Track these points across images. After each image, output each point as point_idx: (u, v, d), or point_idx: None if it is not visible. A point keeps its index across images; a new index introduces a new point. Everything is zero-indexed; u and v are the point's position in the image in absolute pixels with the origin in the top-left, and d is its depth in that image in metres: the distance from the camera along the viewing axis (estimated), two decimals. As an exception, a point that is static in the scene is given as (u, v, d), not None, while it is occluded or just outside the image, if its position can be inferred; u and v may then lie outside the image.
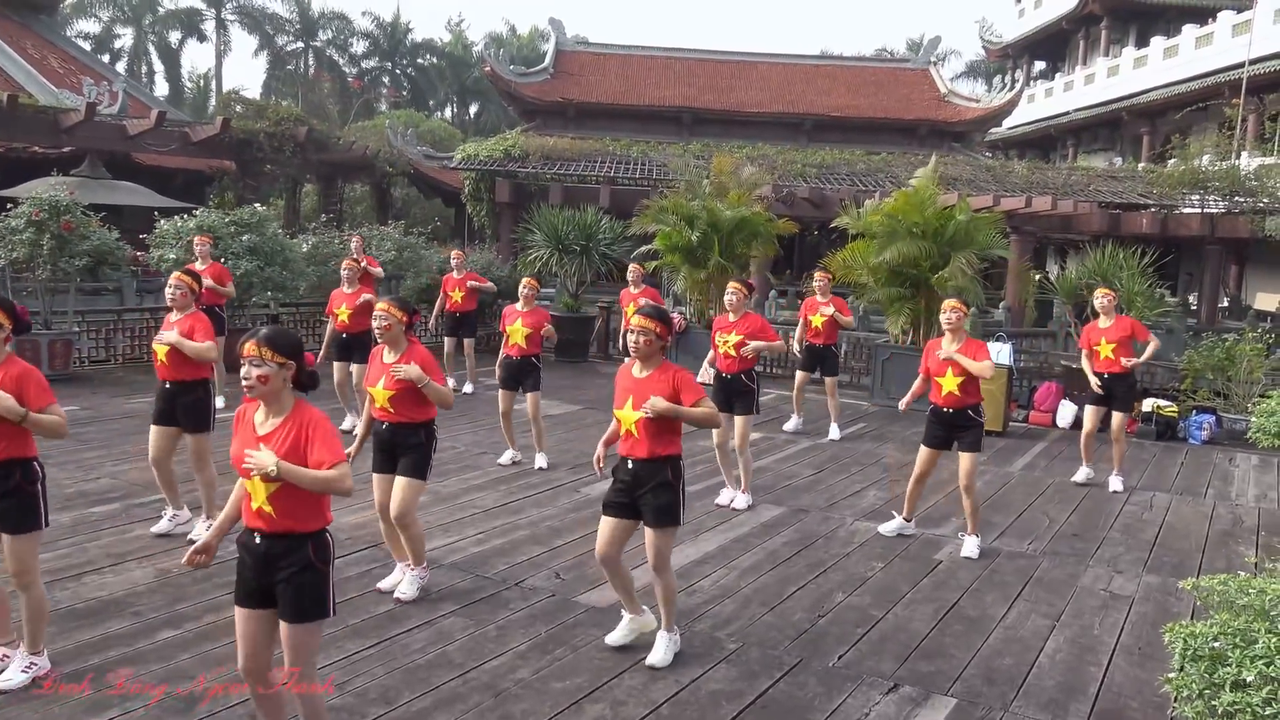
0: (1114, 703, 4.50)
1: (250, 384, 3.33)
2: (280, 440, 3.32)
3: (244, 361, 3.35)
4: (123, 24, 49.06)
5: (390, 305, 5.29)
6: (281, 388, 3.38)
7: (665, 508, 4.58)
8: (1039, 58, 45.05)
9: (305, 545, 3.35)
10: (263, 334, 3.39)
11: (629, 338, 4.63)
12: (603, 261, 15.34)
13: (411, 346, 5.28)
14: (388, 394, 5.21)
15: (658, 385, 4.54)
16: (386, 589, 5.40)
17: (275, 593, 3.34)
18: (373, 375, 5.31)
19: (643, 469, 4.59)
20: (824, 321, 10.16)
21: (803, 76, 30.77)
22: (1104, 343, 8.43)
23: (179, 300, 6.01)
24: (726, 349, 7.45)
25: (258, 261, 12.18)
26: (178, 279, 6.04)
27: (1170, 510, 7.96)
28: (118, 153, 21.34)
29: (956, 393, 6.48)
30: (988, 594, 5.85)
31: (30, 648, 4.19)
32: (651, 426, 4.54)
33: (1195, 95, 28.35)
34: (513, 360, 8.26)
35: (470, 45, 54.66)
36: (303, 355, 3.46)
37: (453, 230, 31.85)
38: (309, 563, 3.35)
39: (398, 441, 5.28)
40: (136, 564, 5.68)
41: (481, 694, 4.30)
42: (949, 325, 6.58)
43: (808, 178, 22.04)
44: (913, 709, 4.37)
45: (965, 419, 6.52)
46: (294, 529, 3.34)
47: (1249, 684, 2.73)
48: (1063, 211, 18.96)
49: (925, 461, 6.73)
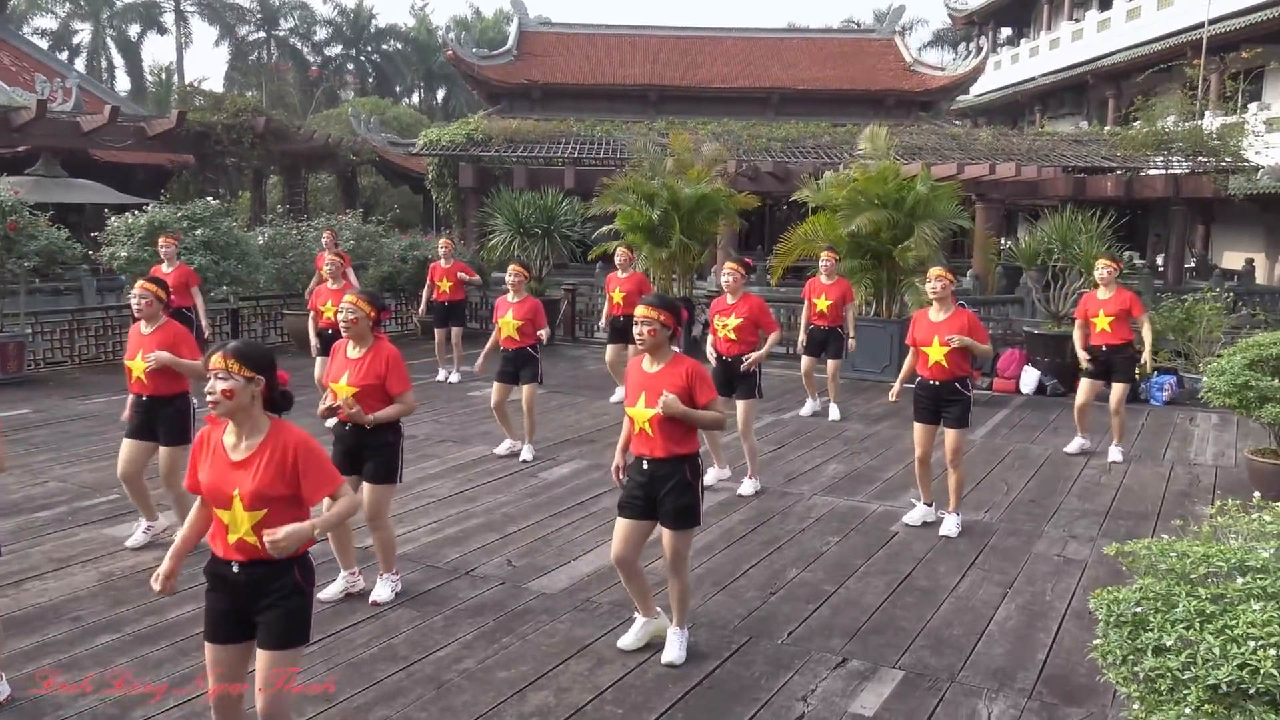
0: (1061, 668, 4.50)
1: (215, 399, 3.11)
2: (261, 466, 3.12)
3: (209, 375, 3.13)
4: (80, 19, 48.40)
5: (359, 299, 5.06)
6: (249, 405, 3.15)
7: (686, 509, 4.40)
8: (1004, 24, 45.00)
9: (291, 569, 3.16)
10: (231, 346, 3.17)
11: (634, 330, 4.41)
12: (565, 243, 15.22)
13: (378, 343, 5.13)
14: (352, 391, 4.98)
15: (671, 380, 4.33)
16: (327, 600, 5.21)
17: (256, 622, 3.17)
18: (336, 371, 5.10)
19: (659, 469, 4.39)
20: (829, 305, 9.94)
21: (769, 50, 30.61)
22: (1102, 315, 8.22)
23: (145, 311, 5.71)
24: (726, 332, 7.31)
25: (213, 256, 12.01)
26: (143, 288, 5.72)
27: (1128, 473, 7.98)
28: (75, 150, 21.01)
29: (944, 363, 6.24)
30: (941, 564, 5.84)
31: None
32: (667, 424, 4.33)
33: (1158, 56, 28.40)
34: (509, 353, 8.08)
35: (435, 29, 54.14)
36: (275, 371, 3.23)
37: (421, 217, 31.63)
38: (294, 586, 3.17)
39: (365, 444, 5.07)
40: (80, 568, 5.59)
41: (424, 686, 4.25)
42: (935, 295, 6.32)
43: (773, 152, 21.95)
44: (859, 683, 4.35)
45: (952, 391, 6.28)
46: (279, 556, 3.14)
47: (1169, 648, 2.71)
48: (1027, 178, 19.01)
49: (922, 439, 6.45)
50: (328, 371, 5.22)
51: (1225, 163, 20.81)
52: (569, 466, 7.96)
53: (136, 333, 5.77)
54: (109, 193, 20.39)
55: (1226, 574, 2.98)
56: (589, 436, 9.06)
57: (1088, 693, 4.24)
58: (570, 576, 5.58)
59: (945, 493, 6.53)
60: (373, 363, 5.02)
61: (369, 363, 5.02)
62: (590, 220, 15.37)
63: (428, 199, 28.04)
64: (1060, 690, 4.29)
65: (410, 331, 15.77)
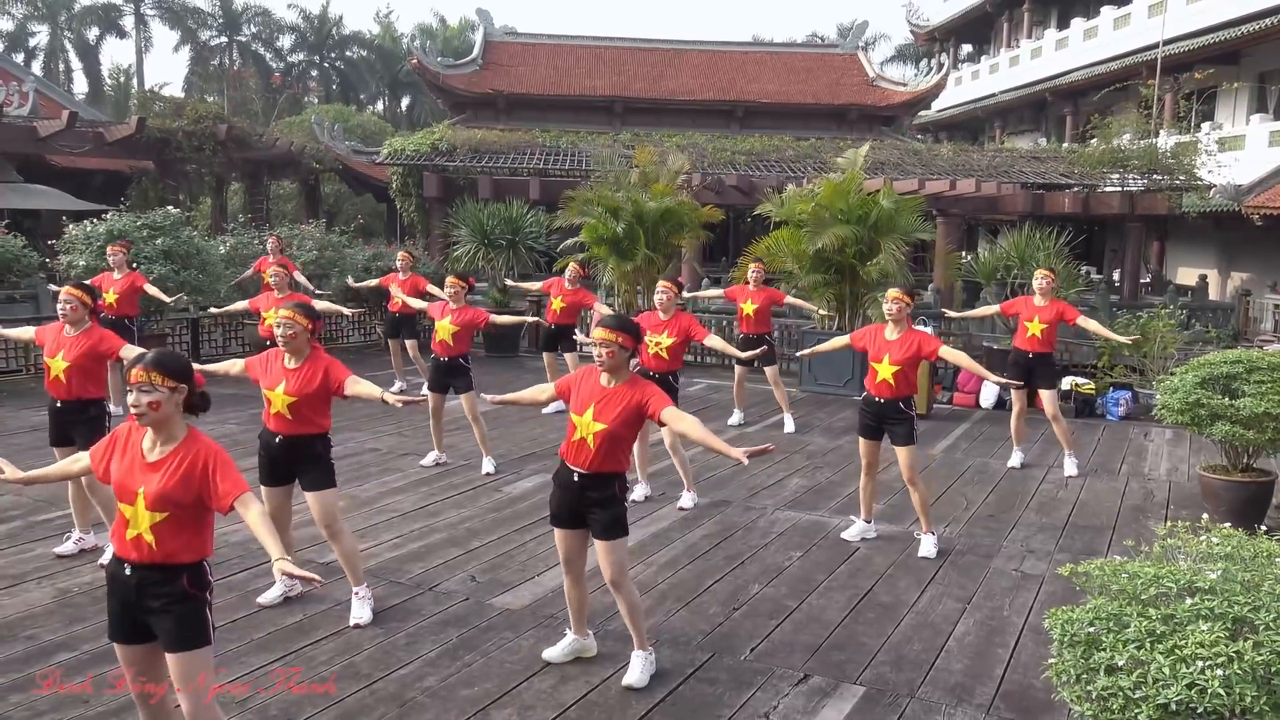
0: (1019, 684, 4.57)
1: (140, 411, 3.19)
2: (172, 469, 3.21)
3: (131, 389, 3.20)
4: (38, 21, 47.58)
5: (295, 314, 5.04)
6: (173, 413, 3.26)
7: (616, 520, 4.42)
8: (965, 41, 45.64)
9: (180, 576, 3.22)
10: (150, 358, 3.24)
11: (594, 353, 4.37)
12: (530, 255, 15.21)
13: (314, 353, 5.14)
14: (288, 400, 5.00)
15: (626, 398, 4.34)
16: (265, 603, 5.26)
17: (149, 624, 3.24)
18: (272, 378, 5.07)
19: (590, 483, 4.39)
20: (755, 309, 10.05)
21: (734, 64, 30.80)
22: (1036, 320, 8.34)
23: (70, 315, 5.71)
24: (659, 350, 7.38)
25: (173, 266, 11.88)
26: (69, 293, 5.73)
27: (1084, 488, 8.12)
28: (31, 155, 20.69)
29: (891, 382, 6.26)
30: (901, 579, 5.91)
31: None
32: (608, 442, 4.35)
33: (1114, 76, 28.93)
34: (440, 361, 8.10)
35: (400, 37, 53.84)
36: (193, 377, 3.34)
37: (385, 226, 31.45)
38: (184, 593, 3.22)
39: (295, 456, 5.08)
40: (35, 584, 5.51)
41: (387, 705, 4.24)
42: (891, 316, 6.36)
43: (738, 165, 22.07)
44: (821, 699, 4.39)
45: (895, 410, 6.30)
46: (172, 560, 3.22)
47: (1121, 668, 2.77)
48: (987, 193, 19.28)
49: (865, 453, 6.51)
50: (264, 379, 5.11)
51: (1179, 181, 21.22)
52: (532, 480, 7.96)
53: (59, 333, 5.77)
54: (66, 199, 20.10)
55: (1176, 595, 3.05)
56: (552, 451, 9.02)
57: (1044, 708, 4.31)
58: (534, 592, 5.59)
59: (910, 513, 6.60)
60: (310, 372, 5.02)
61: (306, 373, 5.02)
62: (556, 232, 15.38)
63: (392, 208, 27.89)
64: (1018, 705, 4.36)
65: (374, 341, 15.68)
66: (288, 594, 5.33)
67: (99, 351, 5.74)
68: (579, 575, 4.64)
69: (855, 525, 6.71)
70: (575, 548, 4.58)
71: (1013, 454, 8.81)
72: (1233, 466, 7.17)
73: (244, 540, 6.09)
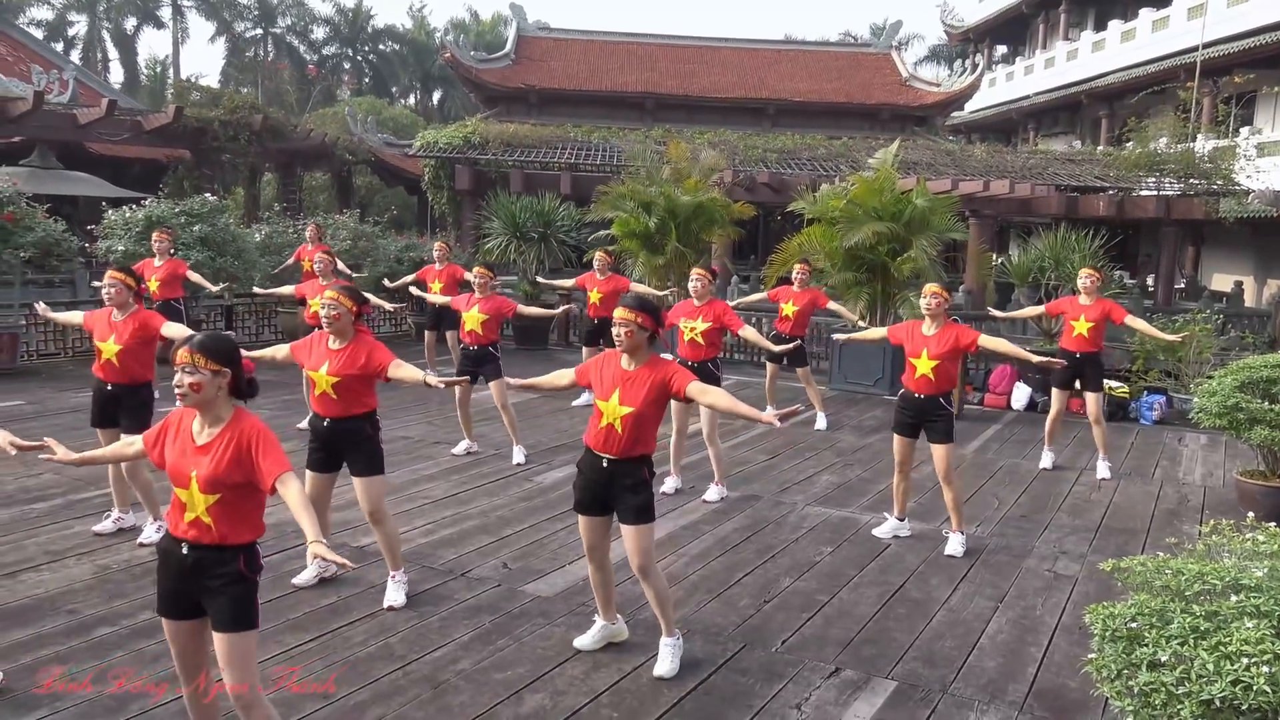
0: (1052, 682, 4.55)
1: (183, 392, 3.23)
2: (220, 451, 3.24)
3: (177, 369, 3.24)
4: (77, 11, 48.18)
5: (341, 295, 5.09)
6: (216, 396, 3.28)
7: (644, 505, 4.43)
8: (1000, 41, 45.29)
9: (236, 557, 3.26)
10: (196, 340, 3.28)
11: (612, 332, 4.39)
12: (561, 248, 15.25)
13: (359, 336, 5.18)
14: (331, 380, 5.04)
15: (650, 378, 4.33)
16: (301, 584, 5.32)
17: (202, 602, 3.27)
18: (316, 359, 5.12)
19: (619, 468, 4.41)
20: (796, 311, 9.93)
21: (766, 61, 30.73)
22: (1082, 319, 8.25)
23: (115, 298, 5.79)
24: (694, 336, 7.37)
25: (209, 252, 12.01)
26: (112, 276, 5.81)
27: (1118, 490, 8.05)
28: (70, 142, 20.93)
29: (931, 377, 6.22)
30: (933, 577, 5.89)
31: None
32: (636, 425, 4.34)
33: (1152, 78, 28.61)
34: (469, 350, 8.18)
35: (432, 31, 54.06)
36: (239, 362, 3.35)
37: (416, 218, 31.63)
38: (239, 574, 3.25)
39: (342, 438, 5.12)
40: (75, 561, 5.59)
41: (420, 686, 4.28)
42: (929, 310, 6.32)
43: (769, 163, 22.03)
44: (852, 693, 4.39)
45: (935, 406, 6.26)
46: (228, 541, 3.25)
47: (1164, 663, 2.76)
48: (1020, 195, 19.11)
49: (900, 451, 6.47)
50: (308, 360, 5.17)
51: (1216, 186, 20.96)
52: (563, 471, 7.99)
53: (107, 318, 5.85)
54: (104, 186, 20.33)
55: (1220, 592, 3.04)
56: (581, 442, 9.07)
57: (1079, 707, 4.29)
58: (565, 580, 5.61)
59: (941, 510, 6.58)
60: (353, 353, 5.06)
61: (349, 354, 5.06)
62: (587, 226, 15.42)
63: (423, 200, 28.06)
64: (1051, 704, 4.34)
65: (405, 332, 15.79)
66: (322, 575, 5.39)
67: (147, 333, 5.81)
68: (602, 561, 4.66)
69: (888, 522, 6.68)
70: (599, 535, 4.60)
71: (1044, 455, 8.75)
72: (1271, 472, 7.09)
73: (279, 523, 6.11)
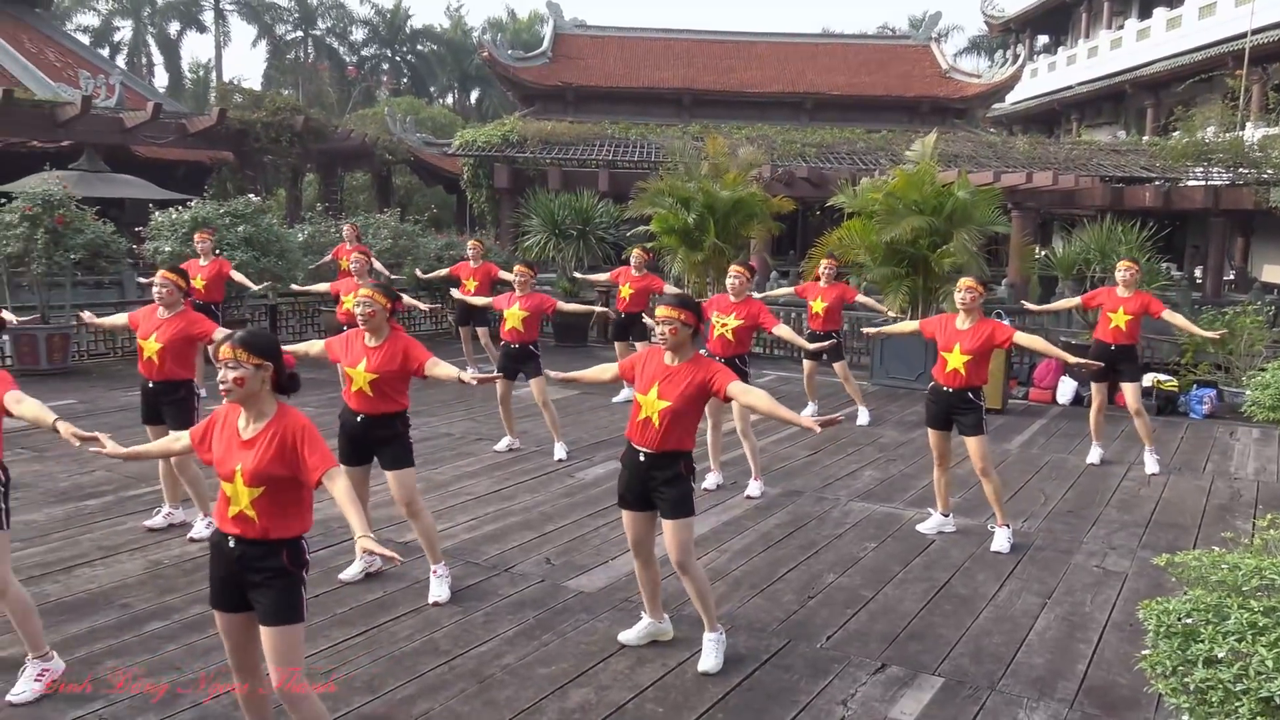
0: (1103, 679, 4.48)
1: (227, 387, 3.27)
2: (265, 445, 3.27)
3: (219, 365, 3.29)
4: (122, 16, 49.12)
5: (375, 292, 5.16)
6: (259, 390, 3.32)
7: (681, 498, 4.43)
8: (1041, 31, 44.63)
9: (280, 551, 3.29)
10: (238, 336, 3.33)
11: (655, 331, 4.40)
12: (600, 245, 15.27)
13: (394, 333, 5.23)
14: (369, 377, 5.09)
15: (690, 375, 4.33)
16: (347, 579, 5.38)
17: (249, 597, 3.31)
18: (353, 356, 5.17)
19: (656, 462, 4.42)
20: (825, 307, 9.88)
21: (803, 55, 30.58)
22: (1121, 311, 8.15)
23: (165, 298, 5.91)
24: (724, 331, 7.33)
25: (253, 252, 12.17)
26: (164, 277, 5.93)
27: (1168, 485, 7.92)
28: (117, 146, 21.31)
29: (962, 371, 6.19)
30: (979, 573, 5.83)
31: (33, 650, 4.08)
32: (673, 420, 4.34)
33: (1199, 66, 28.08)
34: (510, 347, 8.21)
35: (470, 31, 54.47)
36: (281, 357, 3.39)
37: (454, 217, 31.83)
38: (283, 569, 3.28)
39: (373, 435, 5.18)
40: (128, 556, 5.69)
41: (466, 681, 4.31)
42: (963, 305, 6.29)
43: (807, 157, 21.92)
44: (899, 689, 4.35)
45: (963, 400, 6.23)
46: (272, 535, 3.28)
47: (1221, 660, 2.71)
48: (1064, 187, 18.84)
49: (935, 444, 6.44)
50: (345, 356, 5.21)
51: (1267, 175, 20.54)
52: (604, 467, 8.00)
53: (152, 315, 5.96)
54: (150, 188, 20.67)
55: (1279, 587, 2.97)
56: (622, 438, 9.07)
57: (1130, 704, 4.22)
58: (608, 576, 5.63)
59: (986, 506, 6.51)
60: (390, 350, 5.11)
61: (386, 351, 5.11)
62: (625, 222, 15.43)
63: (461, 199, 28.23)
64: (1102, 701, 4.27)
65: (445, 330, 15.89)
66: (368, 569, 5.45)
67: (190, 334, 5.91)
68: (648, 558, 4.66)
69: (932, 518, 6.62)
70: (643, 530, 4.60)
71: (1091, 450, 8.63)
72: (1326, 466, 6.93)
73: (325, 519, 6.21)
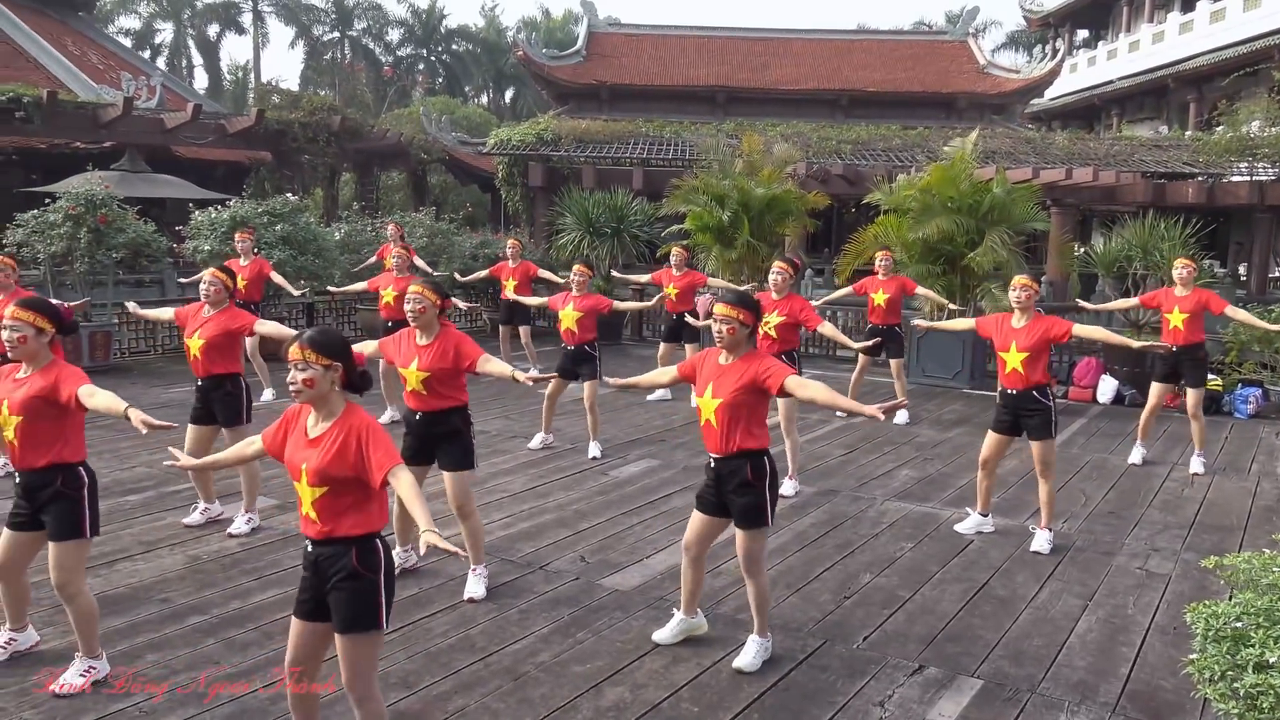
0: (1146, 684, 4.40)
1: (297, 388, 3.25)
2: (329, 445, 3.24)
3: (290, 366, 3.29)
4: (162, 19, 49.73)
5: (425, 289, 5.13)
6: (329, 390, 3.29)
7: (751, 508, 4.35)
8: (1081, 26, 43.98)
9: (349, 551, 3.24)
10: (307, 336, 3.30)
11: (713, 328, 4.34)
12: (634, 243, 15.26)
13: (445, 330, 5.22)
14: (422, 375, 5.09)
15: (741, 371, 4.26)
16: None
17: (328, 603, 3.27)
18: (405, 356, 5.17)
19: (725, 466, 4.36)
20: (886, 300, 9.76)
21: (838, 52, 30.36)
22: (1176, 311, 7.98)
23: (213, 296, 6.04)
24: (767, 329, 7.23)
25: (291, 251, 12.28)
26: (213, 275, 6.06)
27: (1212, 486, 7.77)
28: (158, 146, 21.61)
29: (1021, 370, 6.08)
30: (1019, 574, 5.75)
31: (87, 652, 4.12)
32: (730, 418, 4.28)
33: (1243, 60, 27.52)
34: (568, 349, 8.22)
35: (504, 30, 54.61)
36: (350, 356, 3.35)
37: (489, 216, 31.96)
38: (353, 570, 3.23)
39: (435, 431, 5.19)
40: (168, 551, 5.76)
41: (501, 678, 4.31)
42: (1018, 304, 6.18)
43: (843, 154, 21.77)
44: (937, 691, 4.30)
45: (1030, 401, 6.10)
46: (337, 534, 3.25)
47: (1273, 665, 2.64)
48: (1104, 183, 18.57)
49: (988, 447, 6.32)
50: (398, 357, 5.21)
51: (1314, 170, 20.14)
52: (639, 465, 7.99)
53: (197, 313, 6.09)
54: (190, 188, 20.94)
55: (1332, 591, 2.90)
56: (658, 436, 9.09)
57: (1174, 709, 4.14)
58: (643, 574, 5.61)
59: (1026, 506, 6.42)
60: (441, 348, 5.11)
61: (438, 348, 5.11)
62: (659, 220, 15.41)
63: (496, 198, 28.33)
64: (1145, 706, 4.20)
65: (480, 328, 15.96)
66: (403, 566, 5.46)
67: (231, 329, 6.03)
68: (698, 558, 4.62)
69: (970, 518, 6.54)
70: (704, 531, 4.55)
71: (1134, 450, 8.48)
72: (1378, 467, 6.77)
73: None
